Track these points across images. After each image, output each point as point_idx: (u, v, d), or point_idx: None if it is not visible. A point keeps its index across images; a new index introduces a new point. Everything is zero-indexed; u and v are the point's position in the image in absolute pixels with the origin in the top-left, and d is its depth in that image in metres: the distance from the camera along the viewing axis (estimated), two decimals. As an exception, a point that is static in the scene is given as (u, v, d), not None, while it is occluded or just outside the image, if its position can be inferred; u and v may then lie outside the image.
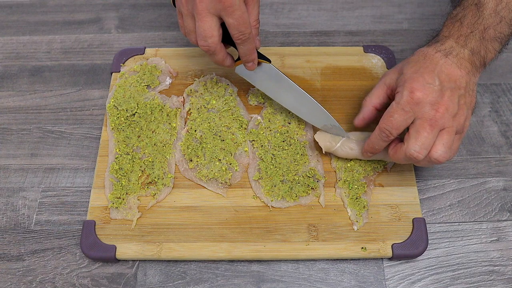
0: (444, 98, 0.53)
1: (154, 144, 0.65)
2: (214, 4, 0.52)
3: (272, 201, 0.61)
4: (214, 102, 0.69)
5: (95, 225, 0.60)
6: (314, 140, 0.65)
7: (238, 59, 0.61)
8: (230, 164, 0.64)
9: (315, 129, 0.67)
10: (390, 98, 0.59)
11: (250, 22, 0.55)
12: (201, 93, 0.70)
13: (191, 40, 0.58)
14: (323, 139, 0.63)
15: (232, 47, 0.60)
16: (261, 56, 0.61)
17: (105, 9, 0.83)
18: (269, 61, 0.62)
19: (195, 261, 0.59)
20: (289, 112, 0.68)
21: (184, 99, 0.70)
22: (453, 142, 0.54)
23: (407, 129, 0.55)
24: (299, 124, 0.67)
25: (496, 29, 0.54)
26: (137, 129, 0.66)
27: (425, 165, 0.56)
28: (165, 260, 0.59)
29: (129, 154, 0.64)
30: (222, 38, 0.57)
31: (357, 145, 0.61)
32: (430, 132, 0.52)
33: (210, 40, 0.55)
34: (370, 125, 0.61)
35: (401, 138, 0.57)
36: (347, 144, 0.62)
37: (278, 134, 0.66)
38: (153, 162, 0.64)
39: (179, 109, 0.69)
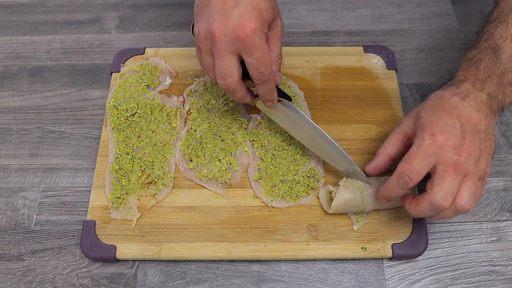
0: (466, 141, 0.50)
1: (154, 144, 0.65)
2: (234, 42, 0.50)
3: (272, 201, 0.61)
4: (214, 102, 0.69)
5: (95, 225, 0.60)
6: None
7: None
8: (230, 164, 0.64)
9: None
10: (406, 147, 0.55)
11: (270, 61, 0.53)
12: (201, 93, 0.70)
13: (210, 77, 0.56)
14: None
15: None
16: (282, 94, 0.59)
17: (105, 9, 0.83)
18: (290, 99, 0.59)
19: (195, 261, 0.59)
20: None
21: (184, 99, 0.70)
22: (477, 188, 0.50)
23: (424, 180, 0.51)
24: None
25: None
26: (137, 129, 0.66)
27: (449, 216, 0.52)
28: (165, 260, 0.59)
29: (129, 154, 0.64)
30: (242, 74, 0.54)
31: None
32: (455, 177, 0.49)
33: (229, 79, 0.53)
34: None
35: (413, 192, 0.55)
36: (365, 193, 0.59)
37: (278, 134, 0.66)
38: (153, 162, 0.64)
39: (179, 109, 0.69)
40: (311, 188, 0.62)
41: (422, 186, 0.52)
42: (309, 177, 0.63)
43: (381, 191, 0.54)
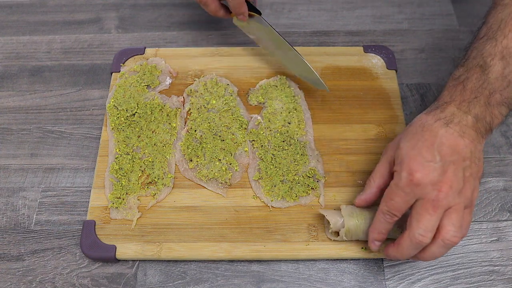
0: (447, 174, 0.48)
1: (154, 144, 0.65)
2: None
3: (272, 201, 0.61)
4: (214, 102, 0.69)
5: (95, 225, 0.60)
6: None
7: None
8: (230, 164, 0.64)
9: (315, 130, 0.67)
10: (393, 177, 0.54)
11: None
12: (201, 93, 0.70)
13: None
14: (331, 215, 0.57)
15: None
16: (252, 9, 0.66)
17: (105, 9, 0.83)
18: (260, 13, 0.66)
19: (195, 261, 0.59)
20: (289, 112, 0.68)
21: (184, 99, 0.70)
22: (463, 218, 0.49)
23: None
24: (299, 124, 0.67)
25: (503, 93, 0.50)
26: (137, 129, 0.66)
27: (440, 252, 0.50)
28: (165, 260, 0.59)
29: (129, 154, 0.64)
30: None
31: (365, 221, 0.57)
32: (433, 213, 0.48)
33: None
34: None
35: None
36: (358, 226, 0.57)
37: (278, 134, 0.66)
38: (153, 162, 0.64)
39: (179, 109, 0.69)
40: (311, 188, 0.62)
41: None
42: (309, 177, 0.63)
43: (371, 233, 0.54)
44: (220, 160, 0.64)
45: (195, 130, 0.66)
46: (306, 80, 0.69)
